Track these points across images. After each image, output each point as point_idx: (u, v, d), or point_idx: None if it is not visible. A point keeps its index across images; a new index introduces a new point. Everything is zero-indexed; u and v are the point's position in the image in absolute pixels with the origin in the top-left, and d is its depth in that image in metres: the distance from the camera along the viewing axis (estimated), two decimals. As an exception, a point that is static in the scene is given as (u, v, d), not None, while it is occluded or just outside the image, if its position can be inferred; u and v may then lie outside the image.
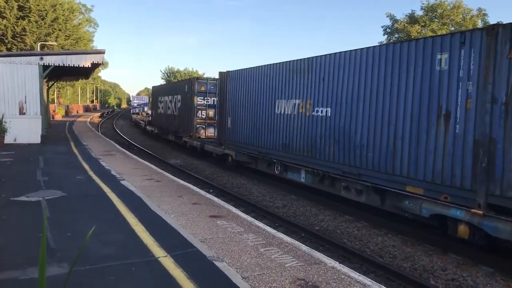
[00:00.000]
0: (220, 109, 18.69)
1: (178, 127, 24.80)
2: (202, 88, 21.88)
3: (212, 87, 21.70)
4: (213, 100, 21.60)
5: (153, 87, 35.67)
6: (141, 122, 44.27)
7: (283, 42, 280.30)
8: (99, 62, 20.39)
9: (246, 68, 16.37)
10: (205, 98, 21.90)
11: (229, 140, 17.56)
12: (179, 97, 24.67)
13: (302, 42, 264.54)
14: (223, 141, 18.17)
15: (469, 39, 7.85)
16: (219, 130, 19.07)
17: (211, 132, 21.93)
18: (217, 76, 20.13)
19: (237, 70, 17.17)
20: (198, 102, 21.85)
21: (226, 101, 17.90)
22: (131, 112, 68.76)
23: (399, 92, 9.29)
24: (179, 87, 25.20)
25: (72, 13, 44.50)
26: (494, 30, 7.47)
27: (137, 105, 69.02)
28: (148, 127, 35.63)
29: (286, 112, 13.49)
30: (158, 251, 5.66)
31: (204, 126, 22.13)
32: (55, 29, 40.53)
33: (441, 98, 8.31)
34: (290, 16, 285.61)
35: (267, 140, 14.60)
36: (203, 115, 22.08)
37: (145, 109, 68.23)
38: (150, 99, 39.85)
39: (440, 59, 8.31)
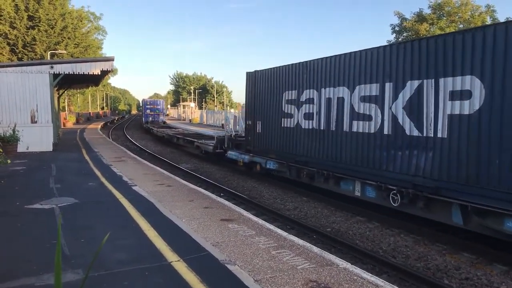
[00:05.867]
0: None
1: None
2: None
3: None
4: None
5: (256, 71, 17.17)
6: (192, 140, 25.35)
7: (291, 43, 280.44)
8: (108, 69, 20.53)
9: None
10: None
11: None
12: None
13: (310, 43, 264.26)
14: None
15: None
16: None
17: None
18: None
19: None
20: None
21: None
22: (143, 120, 54.16)
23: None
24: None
25: (81, 21, 44.94)
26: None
27: (150, 111, 53.40)
28: (247, 159, 17.34)
29: None
30: (170, 256, 5.70)
31: None
32: (64, 37, 40.97)
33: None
34: (296, 16, 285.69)
35: None
36: None
37: (161, 116, 53.90)
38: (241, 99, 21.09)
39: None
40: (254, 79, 17.16)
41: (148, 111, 53.56)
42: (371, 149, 10.84)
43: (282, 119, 14.91)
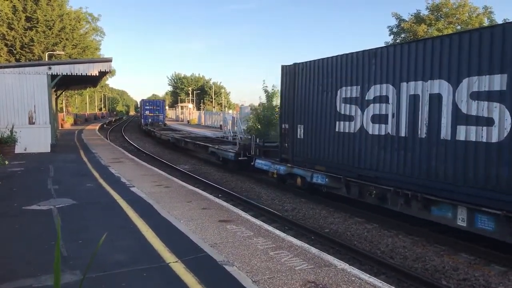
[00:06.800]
0: None
1: None
2: None
3: None
4: None
5: (297, 64, 13.88)
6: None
7: (290, 43, 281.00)
8: (106, 70, 20.53)
9: None
10: None
11: None
12: None
13: (307, 44, 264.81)
14: None
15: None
16: None
17: None
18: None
19: None
20: None
21: None
22: (142, 122, 50.29)
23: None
24: None
25: (79, 22, 44.98)
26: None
27: (149, 112, 49.13)
28: (283, 170, 14.41)
29: None
30: (169, 257, 5.70)
31: None
32: (62, 38, 40.99)
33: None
34: (293, 18, 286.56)
35: None
36: None
37: (160, 117, 49.85)
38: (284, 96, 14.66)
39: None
40: (294, 74, 13.93)
41: (147, 112, 49.43)
42: (491, 165, 7.87)
43: (337, 122, 11.96)
